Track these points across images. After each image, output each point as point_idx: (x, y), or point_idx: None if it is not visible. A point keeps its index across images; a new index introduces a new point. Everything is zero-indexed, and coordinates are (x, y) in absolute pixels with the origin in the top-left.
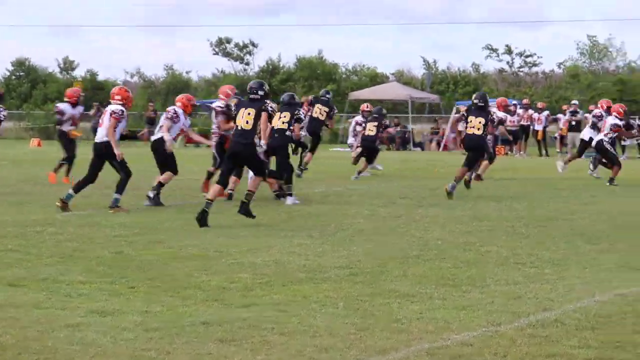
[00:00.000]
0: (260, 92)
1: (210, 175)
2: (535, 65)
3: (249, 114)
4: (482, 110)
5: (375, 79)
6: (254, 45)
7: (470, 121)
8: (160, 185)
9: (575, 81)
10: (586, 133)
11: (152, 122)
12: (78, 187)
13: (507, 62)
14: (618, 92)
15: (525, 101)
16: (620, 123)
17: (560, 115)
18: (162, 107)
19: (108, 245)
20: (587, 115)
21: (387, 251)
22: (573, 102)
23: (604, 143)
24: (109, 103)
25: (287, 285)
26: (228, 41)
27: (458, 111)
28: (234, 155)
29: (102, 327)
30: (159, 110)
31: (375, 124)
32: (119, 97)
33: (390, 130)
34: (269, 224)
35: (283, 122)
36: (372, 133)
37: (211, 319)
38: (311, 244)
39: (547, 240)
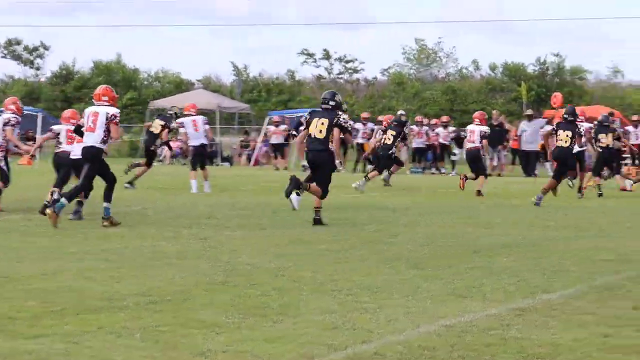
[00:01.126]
0: (332, 103)
1: None
2: (356, 71)
3: (322, 123)
4: (570, 123)
5: (180, 86)
6: (45, 47)
7: (559, 134)
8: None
9: (401, 89)
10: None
11: None
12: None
13: (326, 68)
14: (448, 101)
15: None
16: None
17: (359, 125)
18: None
19: None
20: (413, 127)
21: (191, 277)
22: (399, 112)
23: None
24: None
25: (80, 314)
26: (18, 42)
27: (270, 122)
28: (311, 162)
29: None
30: None
31: (394, 132)
32: (105, 98)
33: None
34: (62, 247)
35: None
36: (389, 142)
37: None
38: (107, 268)
39: (367, 265)
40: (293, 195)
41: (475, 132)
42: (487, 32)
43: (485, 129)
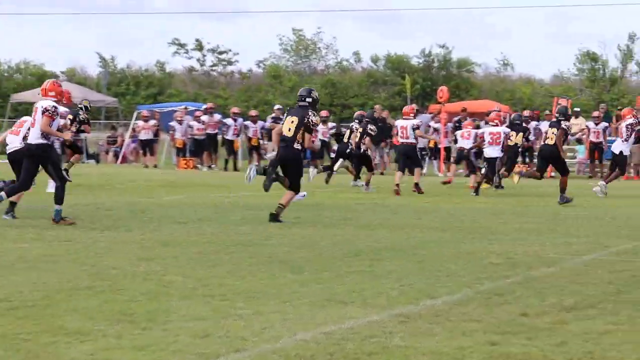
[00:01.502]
0: (308, 99)
1: None
2: (230, 63)
3: (292, 122)
4: (558, 122)
5: (43, 78)
6: None
7: (547, 132)
8: None
9: (278, 82)
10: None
11: None
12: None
13: (198, 60)
14: (327, 95)
15: (209, 105)
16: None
17: (229, 120)
18: None
19: None
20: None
21: (54, 281)
22: (277, 107)
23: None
24: None
25: None
26: None
27: (139, 117)
28: (281, 160)
29: None
30: None
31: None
32: (52, 93)
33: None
34: None
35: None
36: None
37: None
38: None
39: (241, 269)
40: (252, 172)
41: (407, 127)
42: (369, 22)
43: (417, 122)
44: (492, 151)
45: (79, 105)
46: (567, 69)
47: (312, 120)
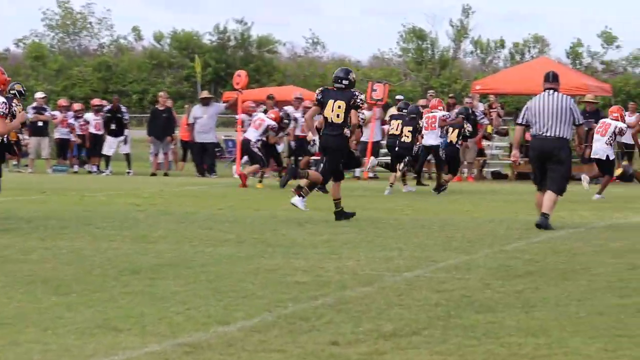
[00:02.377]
0: (345, 82)
1: None
2: None
3: (339, 107)
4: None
5: None
6: None
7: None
8: None
9: (41, 65)
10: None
11: None
12: None
13: None
14: (101, 80)
15: None
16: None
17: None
18: None
19: None
20: (56, 113)
21: None
22: (39, 95)
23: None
24: None
25: None
26: None
27: None
28: (325, 149)
29: None
30: None
31: (410, 128)
32: None
33: None
34: None
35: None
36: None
37: None
38: None
39: None
40: (296, 199)
41: None
42: None
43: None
44: (429, 138)
45: (11, 92)
46: (389, 48)
47: (361, 99)
